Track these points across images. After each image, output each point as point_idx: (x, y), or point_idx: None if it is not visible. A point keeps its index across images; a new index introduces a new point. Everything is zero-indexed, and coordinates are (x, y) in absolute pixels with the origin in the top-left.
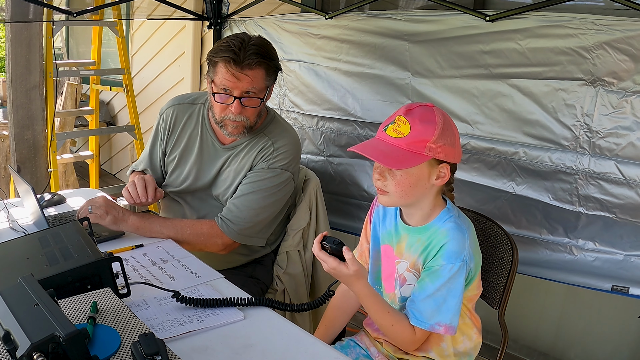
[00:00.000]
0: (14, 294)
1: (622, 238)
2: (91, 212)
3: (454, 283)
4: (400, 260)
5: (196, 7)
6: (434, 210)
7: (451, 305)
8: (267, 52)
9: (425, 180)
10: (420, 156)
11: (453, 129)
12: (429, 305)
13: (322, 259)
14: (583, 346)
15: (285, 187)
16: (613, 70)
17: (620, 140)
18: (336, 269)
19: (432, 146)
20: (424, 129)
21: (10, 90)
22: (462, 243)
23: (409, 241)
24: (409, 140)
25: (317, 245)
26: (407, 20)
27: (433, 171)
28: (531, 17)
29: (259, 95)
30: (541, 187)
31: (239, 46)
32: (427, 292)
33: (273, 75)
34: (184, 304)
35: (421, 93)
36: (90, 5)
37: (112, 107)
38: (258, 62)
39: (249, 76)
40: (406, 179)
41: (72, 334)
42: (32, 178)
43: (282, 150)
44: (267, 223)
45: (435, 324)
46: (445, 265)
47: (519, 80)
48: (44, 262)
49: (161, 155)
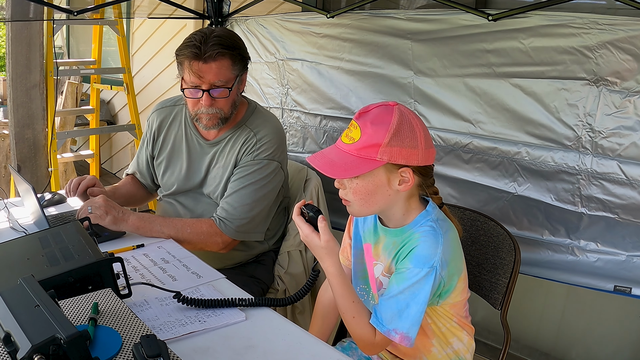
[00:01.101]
0: (14, 295)
1: (624, 239)
2: (91, 213)
3: (418, 289)
4: (376, 262)
5: (197, 6)
6: (409, 214)
7: (412, 313)
8: (230, 42)
9: (384, 186)
10: (372, 161)
11: (414, 129)
12: (391, 307)
13: (298, 225)
14: (584, 346)
15: (275, 177)
16: (616, 70)
17: (622, 140)
18: (308, 237)
19: (385, 150)
20: (374, 132)
21: (10, 89)
22: (434, 248)
23: (385, 243)
24: (359, 145)
25: (296, 210)
26: (410, 19)
27: (393, 176)
28: (534, 17)
29: (227, 85)
30: (543, 187)
31: (200, 40)
32: (391, 292)
33: (240, 64)
34: (185, 304)
35: (424, 92)
36: (91, 4)
37: (112, 106)
38: (220, 53)
39: (213, 68)
40: (362, 186)
41: (73, 336)
42: (32, 177)
43: (265, 141)
44: (263, 217)
45: (392, 330)
46: (412, 268)
47: (521, 80)
48: (45, 263)
49: (149, 159)
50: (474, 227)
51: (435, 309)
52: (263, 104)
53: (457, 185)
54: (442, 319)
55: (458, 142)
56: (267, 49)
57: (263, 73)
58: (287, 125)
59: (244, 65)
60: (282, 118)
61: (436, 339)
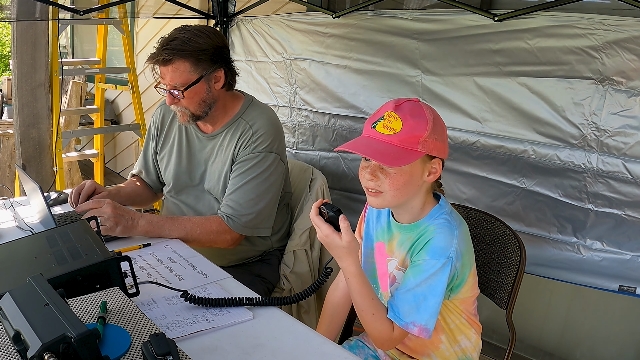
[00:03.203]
0: (24, 294)
1: (629, 239)
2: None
3: (435, 280)
4: (391, 258)
5: (202, 5)
6: (425, 208)
7: (430, 305)
8: (188, 45)
9: (418, 177)
10: (415, 152)
11: (442, 124)
12: (408, 300)
13: (316, 224)
14: (589, 346)
15: (276, 169)
16: (622, 70)
17: (628, 139)
18: (329, 237)
19: (425, 142)
20: (416, 124)
21: (15, 88)
22: (450, 240)
23: (400, 239)
24: (401, 136)
25: (314, 209)
26: (416, 20)
27: (426, 167)
28: (540, 17)
29: (183, 87)
30: (551, 183)
31: (162, 43)
32: (408, 286)
33: (206, 64)
34: (192, 303)
35: (432, 90)
36: (96, 4)
37: (116, 105)
38: (172, 58)
39: (169, 71)
40: (400, 176)
41: (83, 334)
42: (37, 176)
43: (260, 133)
44: (269, 210)
45: (410, 323)
46: (429, 260)
47: (528, 79)
48: (53, 262)
49: (154, 154)
50: (479, 227)
51: (446, 304)
52: (272, 102)
53: (467, 180)
54: (452, 314)
55: (465, 140)
56: (274, 48)
57: (271, 72)
58: (295, 124)
59: (213, 63)
60: (290, 117)
61: (445, 335)
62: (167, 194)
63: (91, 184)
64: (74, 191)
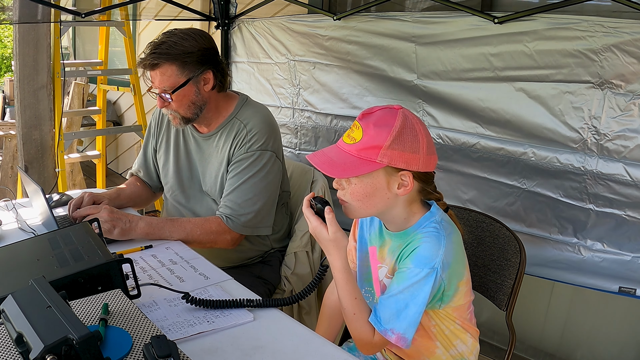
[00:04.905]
0: (26, 296)
1: (630, 240)
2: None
3: (418, 289)
4: (381, 265)
5: (203, 7)
6: (412, 217)
7: (410, 313)
8: (174, 49)
9: (383, 189)
10: (372, 163)
11: (417, 134)
12: (390, 306)
13: (307, 217)
14: (589, 347)
15: (272, 167)
16: (621, 73)
17: (627, 142)
18: (316, 230)
19: (386, 152)
20: (377, 133)
21: (17, 90)
22: (436, 250)
23: (391, 246)
24: (359, 146)
25: (306, 202)
26: (415, 22)
27: (392, 180)
28: (539, 20)
29: (171, 90)
30: (551, 184)
31: (147, 50)
32: (391, 292)
33: (193, 66)
34: (194, 305)
35: (431, 93)
36: (97, 6)
37: (118, 106)
38: (157, 63)
39: (157, 75)
40: (361, 188)
41: (85, 336)
42: (39, 178)
43: (255, 131)
44: (268, 209)
45: (389, 330)
46: (413, 268)
47: (526, 84)
48: (55, 264)
49: (153, 152)
50: (479, 229)
51: (438, 312)
52: (275, 104)
53: (468, 180)
54: (446, 322)
55: (466, 142)
56: (277, 50)
57: (275, 74)
58: (298, 125)
59: (200, 65)
60: (293, 118)
61: (440, 342)
62: (166, 194)
63: (89, 196)
64: (72, 204)
